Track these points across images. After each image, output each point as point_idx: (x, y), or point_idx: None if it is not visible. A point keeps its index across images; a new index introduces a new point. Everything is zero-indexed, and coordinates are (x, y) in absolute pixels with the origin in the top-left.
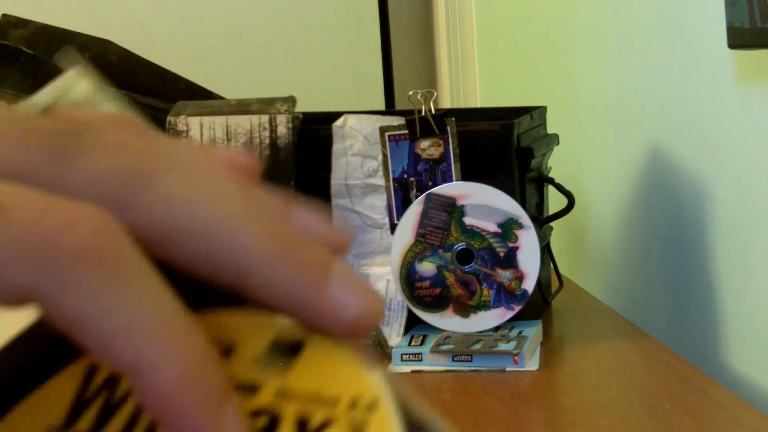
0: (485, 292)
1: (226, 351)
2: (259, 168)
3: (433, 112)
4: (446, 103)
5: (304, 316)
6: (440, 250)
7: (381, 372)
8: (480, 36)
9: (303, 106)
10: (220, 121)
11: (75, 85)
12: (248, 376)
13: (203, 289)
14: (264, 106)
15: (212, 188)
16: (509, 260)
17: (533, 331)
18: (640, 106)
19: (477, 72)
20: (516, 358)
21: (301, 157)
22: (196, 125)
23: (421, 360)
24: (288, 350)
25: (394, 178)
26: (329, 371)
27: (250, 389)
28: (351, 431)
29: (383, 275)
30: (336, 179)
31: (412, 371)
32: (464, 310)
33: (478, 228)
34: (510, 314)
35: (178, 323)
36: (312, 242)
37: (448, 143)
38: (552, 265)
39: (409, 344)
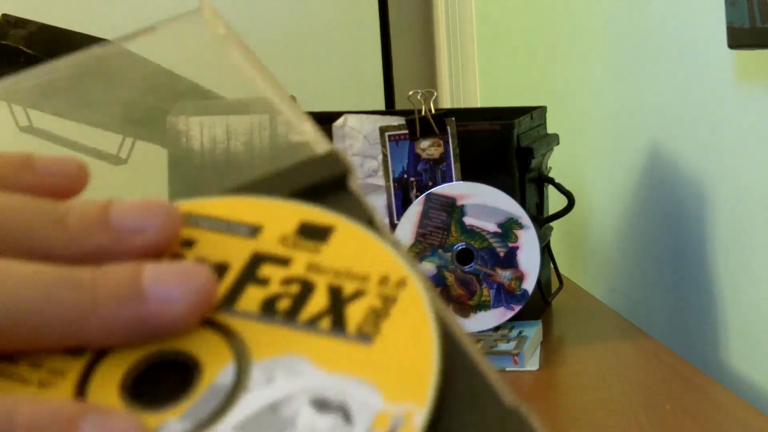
0: (485, 292)
1: (253, 230)
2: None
3: (433, 112)
4: (446, 103)
5: (145, 334)
6: (440, 250)
7: (410, 260)
8: (480, 36)
9: (303, 106)
10: (220, 121)
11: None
12: (277, 251)
13: None
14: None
15: None
16: (509, 260)
17: (533, 331)
18: (640, 106)
19: (477, 72)
20: (516, 358)
21: None
22: (196, 125)
23: None
24: (316, 233)
25: (394, 178)
26: (359, 252)
27: (281, 261)
28: (381, 303)
29: None
30: None
31: None
32: (464, 310)
33: (478, 228)
34: (510, 314)
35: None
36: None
37: (448, 143)
38: (552, 265)
39: None
